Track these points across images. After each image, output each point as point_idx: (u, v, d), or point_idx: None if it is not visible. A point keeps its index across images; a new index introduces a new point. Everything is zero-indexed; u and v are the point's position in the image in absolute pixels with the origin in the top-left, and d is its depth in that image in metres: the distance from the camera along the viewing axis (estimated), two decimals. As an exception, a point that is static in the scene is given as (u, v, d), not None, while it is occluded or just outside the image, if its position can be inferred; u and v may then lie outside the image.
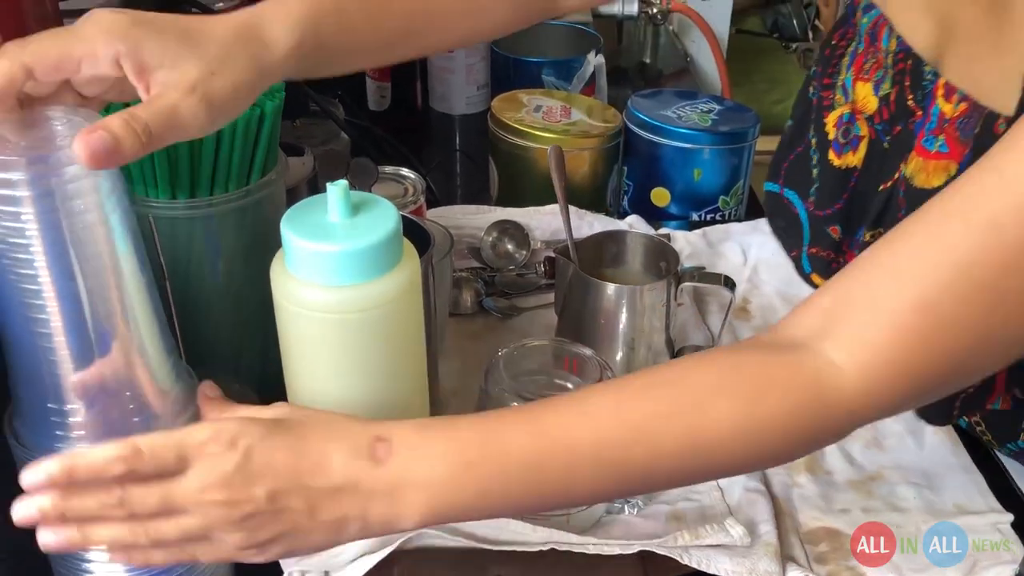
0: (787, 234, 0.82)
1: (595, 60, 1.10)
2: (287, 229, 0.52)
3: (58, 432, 0.49)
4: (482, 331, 0.83)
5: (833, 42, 0.73)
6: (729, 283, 0.72)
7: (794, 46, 2.07)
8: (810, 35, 2.16)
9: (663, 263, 0.75)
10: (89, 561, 0.53)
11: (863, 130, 0.69)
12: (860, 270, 0.49)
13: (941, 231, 0.46)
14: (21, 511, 0.43)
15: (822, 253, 0.76)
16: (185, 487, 0.45)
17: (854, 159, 0.70)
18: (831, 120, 0.72)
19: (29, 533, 0.53)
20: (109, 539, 0.45)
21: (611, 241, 0.77)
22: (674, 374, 0.51)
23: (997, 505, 0.66)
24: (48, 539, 0.44)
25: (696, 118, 0.96)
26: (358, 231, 0.52)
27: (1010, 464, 0.70)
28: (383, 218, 0.53)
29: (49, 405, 0.49)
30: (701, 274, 0.75)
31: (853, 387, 0.47)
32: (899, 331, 0.46)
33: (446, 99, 1.24)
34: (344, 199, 0.52)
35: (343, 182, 0.52)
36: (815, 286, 0.78)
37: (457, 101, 1.24)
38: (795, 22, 2.12)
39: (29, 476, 0.43)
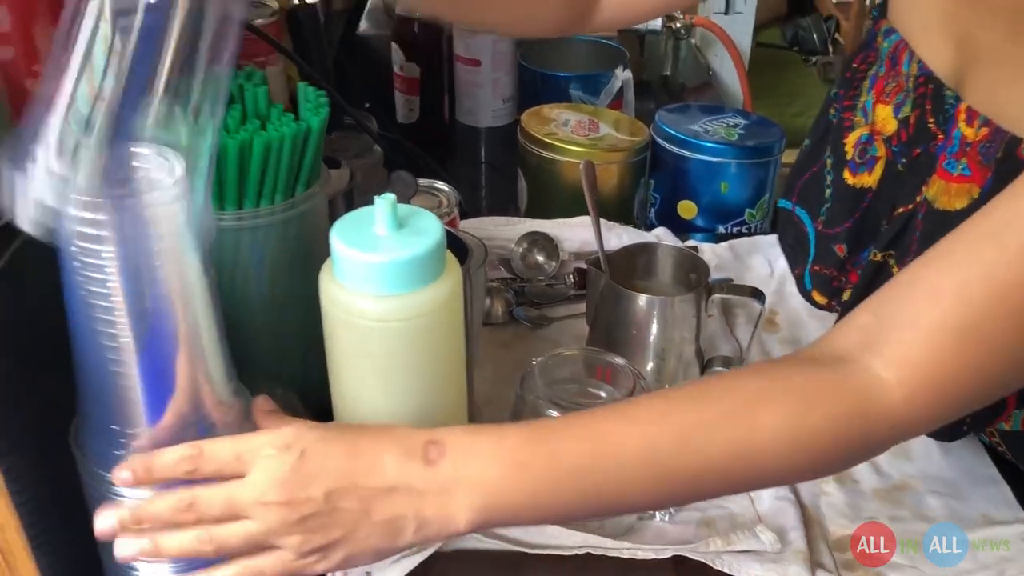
0: (794, 251, 0.83)
1: (623, 75, 1.12)
2: (337, 239, 0.54)
3: (118, 452, 0.51)
4: (513, 340, 0.85)
5: (854, 65, 0.75)
6: (758, 295, 0.74)
7: (814, 59, 2.09)
8: (830, 48, 2.17)
9: (693, 275, 0.76)
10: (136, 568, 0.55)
11: (880, 151, 0.70)
12: (901, 289, 0.50)
13: (979, 255, 0.47)
14: (102, 523, 0.47)
15: (825, 271, 0.77)
16: (245, 490, 0.47)
17: (869, 179, 0.71)
18: (850, 140, 0.74)
19: (86, 538, 0.55)
20: (178, 547, 0.47)
21: (642, 253, 0.79)
22: (721, 385, 0.52)
23: None
24: (124, 550, 0.47)
25: (723, 132, 0.97)
26: (404, 243, 0.54)
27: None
28: (428, 231, 0.55)
29: (113, 427, 0.51)
30: (731, 286, 0.77)
31: (895, 402, 0.48)
32: (939, 351, 0.48)
33: (473, 112, 1.26)
34: (391, 212, 0.54)
35: (391, 196, 0.53)
36: (815, 303, 0.80)
37: (484, 114, 1.26)
38: (815, 35, 2.13)
39: (121, 475, 0.47)
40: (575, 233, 0.94)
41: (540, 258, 0.92)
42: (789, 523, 0.64)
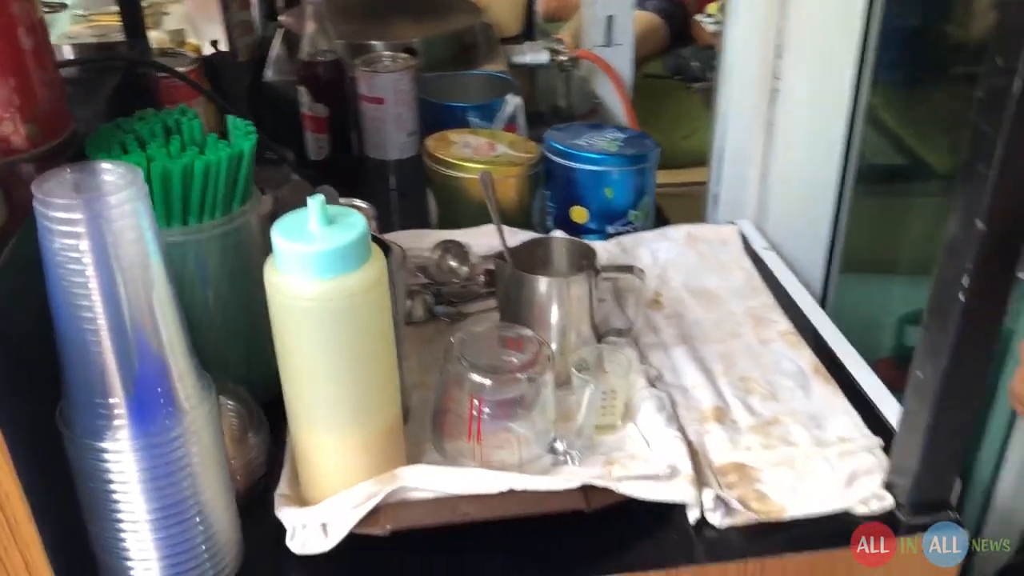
0: None
1: (514, 101, 1.24)
2: (277, 235, 0.63)
3: (101, 422, 0.59)
4: (434, 335, 0.95)
5: None
6: (638, 272, 0.86)
7: (696, 85, 2.26)
8: (710, 75, 2.34)
9: (584, 261, 0.88)
10: (127, 549, 0.63)
11: None
12: None
13: None
14: None
15: None
16: None
17: None
18: None
19: (76, 518, 0.63)
20: None
21: (539, 247, 0.91)
22: None
23: (870, 434, 0.80)
24: None
25: (604, 144, 1.10)
26: (334, 235, 0.64)
27: (879, 401, 0.85)
28: (353, 225, 0.65)
29: (96, 400, 0.58)
30: (613, 266, 0.89)
31: None
32: None
33: (380, 146, 1.36)
34: (322, 209, 0.64)
35: (321, 196, 0.64)
36: None
37: (391, 148, 1.36)
38: (695, 63, 2.30)
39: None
40: (483, 240, 1.05)
41: (453, 263, 1.03)
42: (679, 455, 0.76)
